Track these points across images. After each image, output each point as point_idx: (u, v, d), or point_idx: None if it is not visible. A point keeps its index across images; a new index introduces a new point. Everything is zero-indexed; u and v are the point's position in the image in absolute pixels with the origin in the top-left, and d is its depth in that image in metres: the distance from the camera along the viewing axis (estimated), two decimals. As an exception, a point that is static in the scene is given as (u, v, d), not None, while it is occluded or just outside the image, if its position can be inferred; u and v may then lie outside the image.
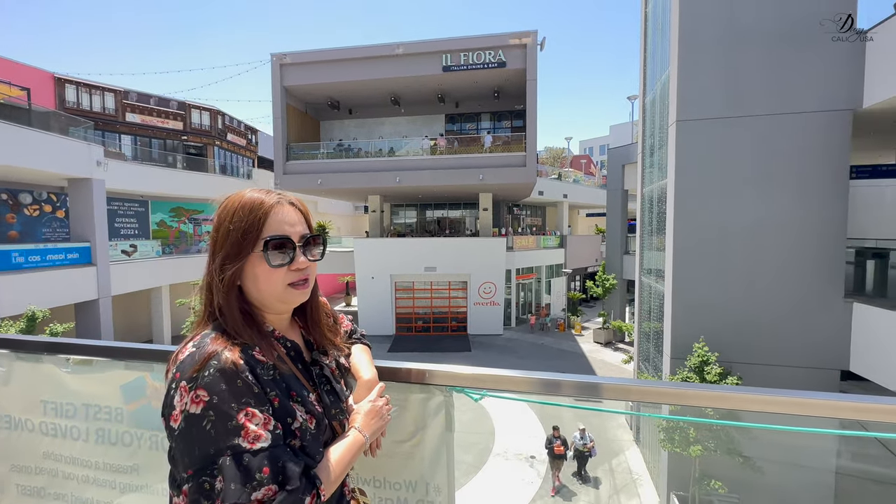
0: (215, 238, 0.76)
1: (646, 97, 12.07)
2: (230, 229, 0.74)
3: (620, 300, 21.14)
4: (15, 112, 12.98)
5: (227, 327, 0.74)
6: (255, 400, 0.66)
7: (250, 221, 0.74)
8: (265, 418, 0.66)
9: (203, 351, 0.68)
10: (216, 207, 0.80)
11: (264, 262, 0.74)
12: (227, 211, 0.76)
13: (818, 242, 7.73)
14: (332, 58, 17.51)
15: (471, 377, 0.99)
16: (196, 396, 0.63)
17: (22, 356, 1.27)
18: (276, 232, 0.75)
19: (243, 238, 0.74)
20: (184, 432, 0.63)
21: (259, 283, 0.76)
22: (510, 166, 17.04)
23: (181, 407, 0.64)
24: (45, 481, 1.25)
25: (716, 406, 0.89)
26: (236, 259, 0.74)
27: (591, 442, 9.06)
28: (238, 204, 0.76)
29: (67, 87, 19.94)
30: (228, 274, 0.74)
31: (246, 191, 0.79)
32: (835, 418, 0.86)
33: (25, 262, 11.95)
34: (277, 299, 0.78)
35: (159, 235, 20.45)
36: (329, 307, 1.00)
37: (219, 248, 0.75)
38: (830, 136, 7.60)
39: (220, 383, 0.64)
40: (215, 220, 0.77)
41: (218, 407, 0.63)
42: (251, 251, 0.74)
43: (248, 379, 0.67)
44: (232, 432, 0.62)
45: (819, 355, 7.74)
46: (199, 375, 0.65)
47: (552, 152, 49.58)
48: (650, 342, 11.00)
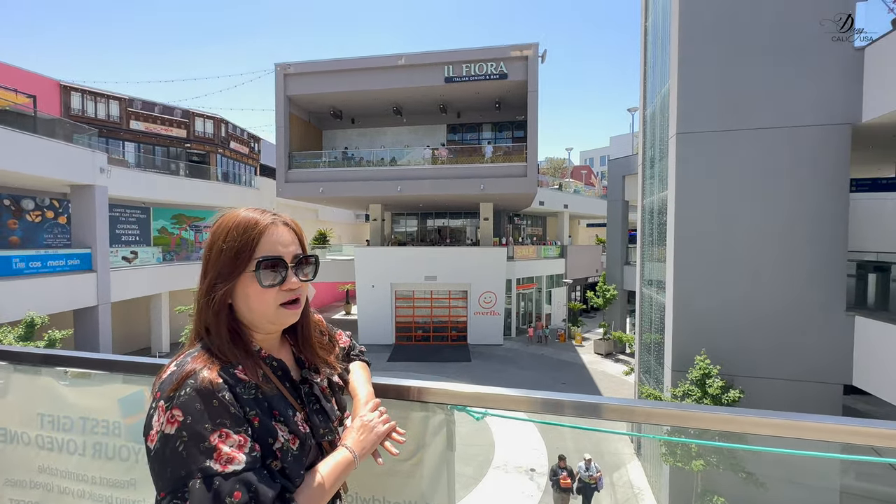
0: (208, 257, 0.76)
1: (646, 109, 12.16)
2: (223, 248, 0.74)
3: (621, 311, 21.06)
4: (21, 119, 13.10)
5: (213, 346, 0.73)
6: (230, 420, 0.65)
7: (244, 241, 0.74)
8: (241, 440, 0.65)
9: (181, 370, 0.67)
10: (218, 216, 0.80)
11: (256, 282, 0.74)
12: (221, 230, 0.76)
13: (819, 255, 7.72)
14: (336, 68, 17.72)
15: (472, 395, 0.98)
16: (171, 416, 0.63)
17: (20, 368, 1.26)
18: (269, 252, 0.75)
19: (236, 258, 0.73)
20: (158, 453, 0.63)
21: (250, 303, 0.75)
22: (511, 176, 17.13)
23: (157, 427, 0.64)
24: (40, 496, 1.23)
25: (721, 429, 0.88)
26: (228, 278, 0.74)
27: (597, 472, 8.29)
28: (232, 223, 0.75)
29: (73, 94, 20.15)
30: (220, 293, 0.74)
31: (241, 210, 0.78)
32: (839, 442, 0.85)
33: (26, 268, 11.95)
34: (268, 320, 0.77)
35: (160, 242, 20.47)
36: (324, 324, 0.99)
37: (211, 267, 0.75)
38: (830, 149, 7.64)
39: (195, 403, 0.64)
40: (209, 238, 0.77)
41: (191, 427, 0.62)
42: (243, 271, 0.74)
43: (225, 399, 0.66)
44: (204, 454, 0.61)
45: (821, 369, 7.67)
46: (176, 395, 0.64)
47: (553, 163, 49.88)
48: (651, 354, 10.93)
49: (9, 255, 11.69)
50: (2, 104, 13.19)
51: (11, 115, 13.06)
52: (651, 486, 9.39)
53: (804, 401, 7.62)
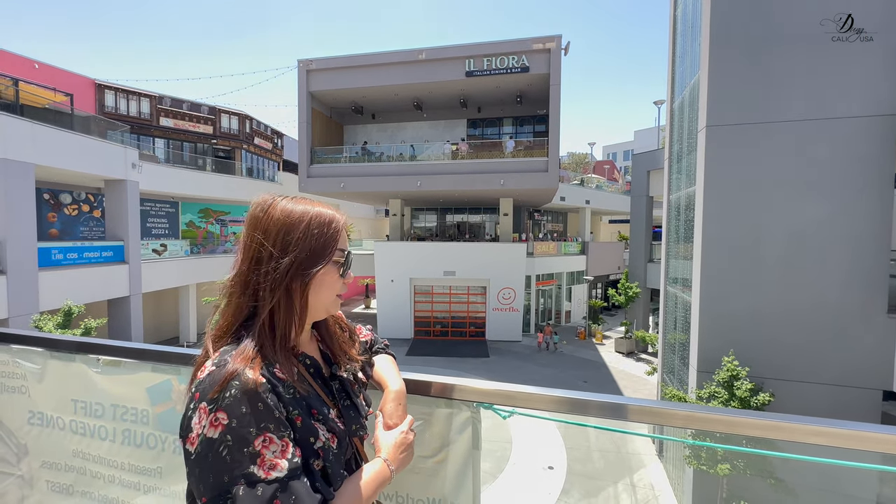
0: (287, 240, 0.73)
1: (673, 102, 11.77)
2: (315, 234, 0.74)
3: (644, 309, 20.60)
4: (58, 116, 13.69)
5: (265, 337, 0.71)
6: (274, 424, 0.64)
7: (332, 230, 0.77)
8: (283, 444, 0.63)
9: (224, 370, 0.65)
10: (248, 207, 0.78)
11: (334, 270, 0.77)
12: (303, 217, 0.75)
13: (859, 254, 7.33)
14: (357, 64, 17.81)
15: (499, 393, 0.95)
16: (215, 419, 0.61)
17: (55, 355, 1.30)
18: (343, 246, 0.79)
19: (325, 245, 0.75)
20: (200, 457, 0.61)
21: (322, 290, 0.77)
22: (532, 171, 16.90)
23: (198, 430, 0.62)
24: (73, 479, 1.27)
25: (756, 435, 0.83)
26: (319, 261, 0.75)
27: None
28: (314, 212, 0.76)
29: (107, 92, 20.91)
30: (318, 270, 0.74)
31: (305, 200, 0.78)
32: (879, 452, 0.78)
33: (64, 259, 12.52)
34: (326, 309, 0.80)
35: (188, 235, 21.14)
36: (345, 320, 0.98)
37: (294, 249, 0.73)
38: (873, 141, 7.22)
39: (241, 406, 0.62)
40: (285, 222, 0.74)
41: (236, 431, 0.61)
42: (332, 258, 0.76)
43: (270, 402, 0.64)
44: (248, 459, 0.60)
45: (859, 374, 7.30)
46: (220, 396, 0.62)
47: (575, 157, 48.99)
48: (675, 354, 10.64)
49: (49, 246, 12.26)
50: (42, 102, 13.81)
51: (50, 112, 13.66)
52: (673, 489, 9.18)
53: (840, 406, 7.28)
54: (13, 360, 1.32)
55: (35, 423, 1.30)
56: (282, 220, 0.74)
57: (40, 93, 13.96)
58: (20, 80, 13.50)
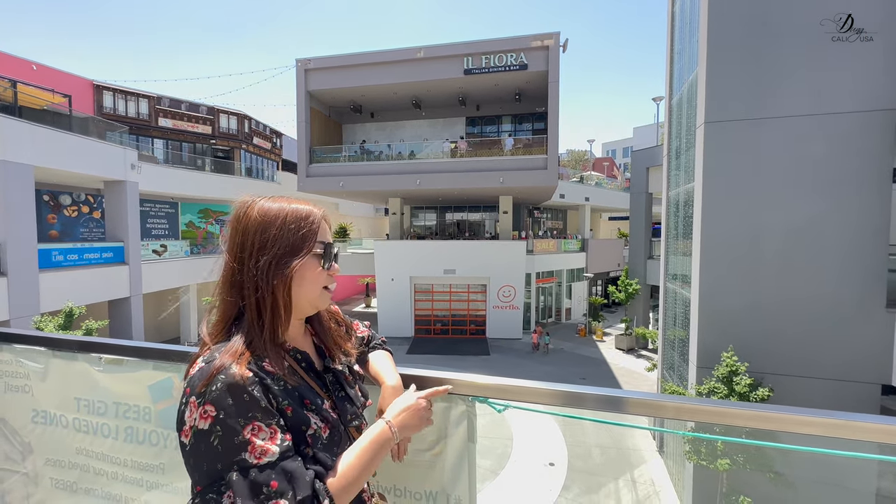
0: (264, 238, 0.75)
1: (672, 98, 11.77)
2: (291, 228, 0.76)
3: (644, 306, 20.63)
4: (57, 118, 13.68)
5: (254, 334, 0.73)
6: (261, 414, 0.66)
7: (309, 223, 0.78)
8: (271, 431, 0.66)
9: (211, 365, 0.68)
10: (247, 202, 0.79)
11: (315, 263, 0.77)
12: (279, 212, 0.77)
13: (858, 249, 7.34)
14: (355, 62, 17.78)
15: (494, 387, 0.97)
16: (204, 412, 0.64)
17: (58, 354, 1.31)
18: (323, 238, 0.80)
19: (304, 238, 0.77)
20: (193, 448, 0.64)
21: (304, 284, 0.77)
22: (531, 169, 16.90)
23: (190, 423, 0.65)
24: (77, 476, 1.29)
25: (754, 427, 0.84)
26: (297, 254, 0.76)
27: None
28: (290, 208, 0.78)
29: (105, 93, 20.88)
30: (297, 264, 0.75)
31: (283, 198, 0.80)
32: (877, 443, 0.80)
33: (64, 261, 12.54)
34: (312, 303, 0.80)
35: (188, 236, 21.15)
36: (341, 315, 0.99)
37: (272, 245, 0.74)
38: (872, 136, 7.23)
39: (226, 398, 0.64)
40: (262, 221, 0.76)
41: (224, 422, 0.63)
42: (311, 250, 0.77)
43: (255, 393, 0.67)
44: (239, 447, 0.63)
45: (858, 368, 7.33)
46: (207, 390, 0.65)
47: (574, 155, 48.94)
48: (675, 350, 10.67)
49: (49, 248, 12.27)
50: (40, 104, 13.80)
51: (49, 114, 13.65)
52: (674, 484, 9.22)
53: (838, 400, 7.31)
54: (16, 360, 1.34)
55: (38, 422, 1.32)
56: (258, 220, 0.76)
57: (39, 94, 13.94)
58: (18, 81, 13.48)
